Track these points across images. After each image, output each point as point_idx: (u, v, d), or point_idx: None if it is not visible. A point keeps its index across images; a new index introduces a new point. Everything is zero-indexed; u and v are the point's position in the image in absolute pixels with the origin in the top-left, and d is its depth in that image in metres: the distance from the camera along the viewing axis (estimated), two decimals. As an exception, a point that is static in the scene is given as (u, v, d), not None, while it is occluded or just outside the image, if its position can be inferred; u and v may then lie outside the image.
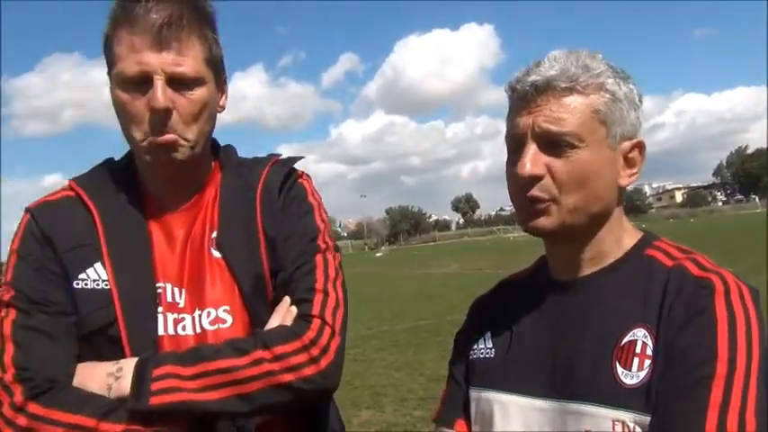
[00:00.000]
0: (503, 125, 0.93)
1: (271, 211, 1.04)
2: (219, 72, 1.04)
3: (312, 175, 1.15)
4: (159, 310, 0.97)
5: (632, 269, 0.88)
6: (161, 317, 0.97)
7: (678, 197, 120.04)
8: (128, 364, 0.89)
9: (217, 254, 1.02)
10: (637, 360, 0.79)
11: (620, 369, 0.80)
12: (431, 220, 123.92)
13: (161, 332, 0.96)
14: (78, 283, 0.96)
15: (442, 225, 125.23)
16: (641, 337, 0.80)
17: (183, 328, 0.97)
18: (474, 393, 0.99)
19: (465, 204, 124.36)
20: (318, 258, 1.02)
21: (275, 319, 0.96)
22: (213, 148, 1.11)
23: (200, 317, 0.98)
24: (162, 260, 1.01)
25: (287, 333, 0.92)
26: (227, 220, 1.04)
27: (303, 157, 1.14)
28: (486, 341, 1.01)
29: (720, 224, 38.53)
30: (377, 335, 9.02)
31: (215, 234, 1.03)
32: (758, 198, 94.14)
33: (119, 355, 0.92)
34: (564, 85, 0.84)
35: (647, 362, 0.79)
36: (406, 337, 8.63)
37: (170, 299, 0.98)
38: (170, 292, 0.99)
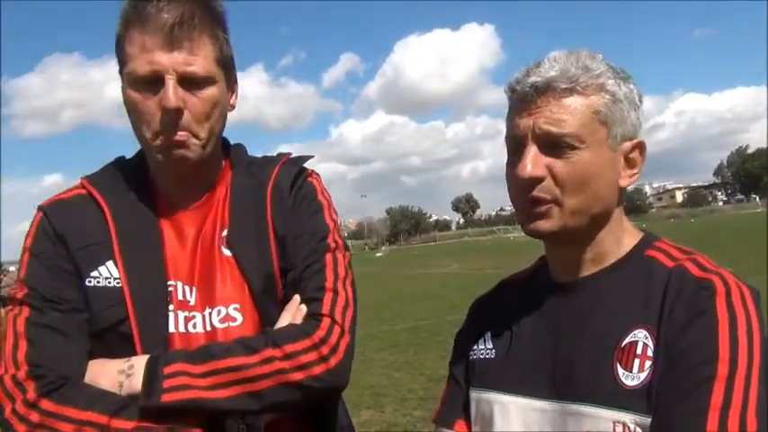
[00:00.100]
0: (503, 125, 0.93)
1: (281, 210, 1.05)
2: (230, 71, 1.05)
3: (314, 175, 1.15)
4: (170, 307, 0.98)
5: (633, 270, 0.88)
6: (172, 314, 0.97)
7: (678, 197, 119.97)
8: (139, 362, 0.89)
9: (227, 252, 1.02)
10: (637, 361, 0.79)
11: (620, 370, 0.80)
12: (431, 220, 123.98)
13: (172, 330, 0.97)
14: (90, 281, 0.96)
15: (443, 225, 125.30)
16: (642, 338, 0.80)
17: (194, 326, 0.98)
18: (474, 394, 0.99)
19: (465, 204, 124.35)
20: (328, 257, 1.02)
21: (285, 318, 0.96)
22: (223, 146, 1.12)
23: (210, 315, 0.98)
24: (173, 258, 1.01)
25: (297, 331, 0.92)
26: (237, 218, 1.04)
27: (313, 156, 1.15)
28: (487, 342, 1.01)
29: (721, 224, 38.50)
30: (377, 335, 9.01)
31: (225, 232, 1.03)
32: (759, 198, 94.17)
33: (130, 352, 0.93)
34: (564, 86, 0.84)
35: (647, 363, 0.78)
36: (406, 337, 8.64)
37: (181, 297, 0.99)
38: (181, 290, 1.00)
